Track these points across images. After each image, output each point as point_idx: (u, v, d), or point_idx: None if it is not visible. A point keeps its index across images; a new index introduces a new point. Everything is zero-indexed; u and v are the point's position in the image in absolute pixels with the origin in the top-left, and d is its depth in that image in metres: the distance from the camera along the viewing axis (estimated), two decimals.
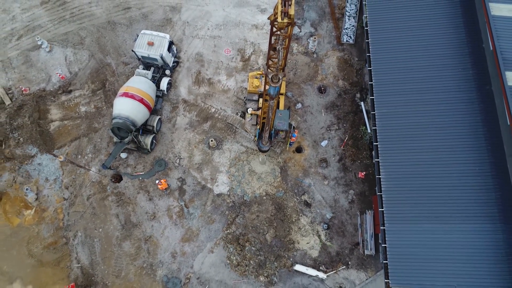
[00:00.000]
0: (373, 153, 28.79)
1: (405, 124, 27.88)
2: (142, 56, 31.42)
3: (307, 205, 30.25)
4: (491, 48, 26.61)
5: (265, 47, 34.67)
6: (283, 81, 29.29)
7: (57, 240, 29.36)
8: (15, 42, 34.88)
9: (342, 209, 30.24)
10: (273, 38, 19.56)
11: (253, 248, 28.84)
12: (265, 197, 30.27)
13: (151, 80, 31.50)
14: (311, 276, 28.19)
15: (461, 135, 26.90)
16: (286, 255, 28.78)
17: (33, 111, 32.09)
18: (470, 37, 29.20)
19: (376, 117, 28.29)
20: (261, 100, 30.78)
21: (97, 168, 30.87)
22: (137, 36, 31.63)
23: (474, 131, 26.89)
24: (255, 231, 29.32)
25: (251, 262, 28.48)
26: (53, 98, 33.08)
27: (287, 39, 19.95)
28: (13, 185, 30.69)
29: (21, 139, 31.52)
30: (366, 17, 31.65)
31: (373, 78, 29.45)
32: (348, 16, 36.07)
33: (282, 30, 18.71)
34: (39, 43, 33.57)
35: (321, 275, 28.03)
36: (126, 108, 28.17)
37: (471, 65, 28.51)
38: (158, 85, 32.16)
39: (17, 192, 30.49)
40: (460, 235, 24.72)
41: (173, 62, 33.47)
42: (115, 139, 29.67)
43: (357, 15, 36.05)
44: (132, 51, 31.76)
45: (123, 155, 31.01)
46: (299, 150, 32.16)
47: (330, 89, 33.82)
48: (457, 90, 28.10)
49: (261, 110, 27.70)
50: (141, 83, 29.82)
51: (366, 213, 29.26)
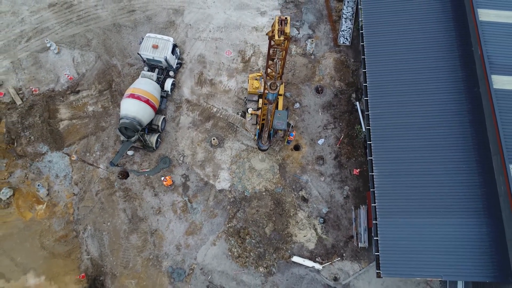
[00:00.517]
0: (367, 151, 30.36)
1: (397, 124, 29.38)
2: (147, 58, 32.89)
3: (304, 200, 31.90)
4: (479, 52, 28.04)
5: (264, 48, 36.11)
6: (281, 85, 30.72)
7: (68, 233, 31.04)
8: (25, 43, 36.28)
9: (337, 204, 31.90)
10: (271, 50, 21.10)
11: (253, 240, 30.53)
12: (264, 193, 31.90)
13: (155, 81, 32.99)
14: (308, 267, 29.93)
15: (450, 134, 28.40)
16: (284, 248, 30.48)
17: (43, 111, 33.63)
18: (460, 40, 30.59)
19: (370, 117, 29.80)
20: (260, 100, 32.29)
21: (105, 165, 32.48)
22: (142, 39, 33.07)
23: (462, 131, 28.40)
24: (255, 224, 30.99)
25: (251, 254, 30.20)
26: (62, 98, 34.59)
27: (284, 51, 21.49)
28: (25, 181, 32.30)
29: (32, 137, 33.07)
30: (361, 20, 33.04)
31: (367, 79, 30.88)
32: (344, 18, 37.42)
33: (278, 45, 20.31)
34: (48, 45, 34.98)
35: (317, 266, 29.77)
36: (132, 108, 29.72)
37: (461, 68, 29.94)
38: (162, 86, 33.66)
39: (29, 187, 32.11)
40: (447, 228, 26.36)
41: (177, 63, 34.94)
42: (122, 138, 31.21)
43: (353, 17, 37.40)
44: (137, 54, 33.19)
45: (130, 153, 32.61)
46: (297, 148, 33.74)
47: (327, 89, 35.30)
48: (447, 91, 29.56)
49: (260, 111, 29.24)
50: (146, 84, 31.33)
51: (360, 208, 30.89)
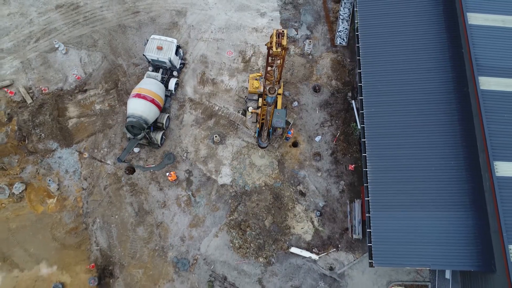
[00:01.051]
0: (362, 148, 31.93)
1: (390, 122, 30.90)
2: (152, 59, 34.38)
3: (302, 194, 33.59)
4: (467, 54, 29.51)
5: (264, 49, 37.52)
6: (281, 85, 32.22)
7: (78, 225, 32.76)
8: (33, 44, 37.73)
9: (333, 198, 33.59)
10: (270, 58, 22.68)
11: (253, 232, 32.28)
12: (264, 187, 33.58)
13: (160, 81, 34.51)
14: (305, 257, 31.72)
15: (439, 132, 29.95)
16: (282, 239, 32.23)
17: (53, 109, 35.19)
18: (451, 42, 32.00)
19: (364, 115, 31.34)
20: (260, 99, 33.84)
21: (112, 161, 34.13)
22: (147, 40, 34.52)
23: (451, 129, 29.94)
24: (255, 217, 32.72)
25: (252, 245, 31.96)
26: (70, 97, 36.13)
27: (281, 59, 23.06)
28: (36, 176, 33.96)
29: (43, 135, 34.67)
30: (357, 22, 34.44)
31: (362, 80, 32.33)
32: (341, 19, 38.78)
33: (276, 56, 21.92)
34: (57, 46, 36.44)
35: (314, 256, 31.54)
36: (139, 108, 31.29)
37: (451, 69, 31.40)
38: (166, 86, 35.21)
39: (40, 182, 33.80)
40: (435, 221, 28.03)
41: (180, 64, 36.44)
42: (129, 135, 32.81)
43: (350, 18, 38.75)
44: (143, 55, 34.65)
45: (136, 150, 34.26)
46: (295, 144, 35.35)
47: (324, 88, 36.82)
48: (438, 91, 31.03)
49: (260, 109, 30.80)
50: (151, 84, 32.87)
51: (355, 202, 32.55)
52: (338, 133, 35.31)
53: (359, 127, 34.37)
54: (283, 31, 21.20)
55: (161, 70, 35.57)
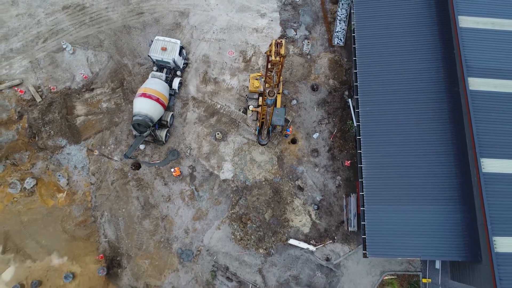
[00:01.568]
0: (357, 145, 33.44)
1: (384, 120, 32.37)
2: (156, 59, 35.80)
3: (300, 189, 35.20)
4: (458, 56, 30.91)
5: (264, 49, 38.94)
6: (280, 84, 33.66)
7: (87, 218, 34.37)
8: (41, 44, 39.08)
9: (330, 192, 35.21)
10: (269, 65, 24.11)
11: (253, 225, 33.95)
12: (264, 182, 35.18)
13: (164, 80, 35.95)
14: (303, 248, 33.40)
15: (431, 130, 31.43)
16: (281, 231, 33.90)
17: (62, 108, 36.67)
18: (443, 44, 33.36)
19: (359, 114, 32.82)
20: (261, 98, 35.31)
21: (119, 157, 35.68)
22: (151, 41, 35.90)
23: (442, 127, 31.44)
24: (255, 211, 34.37)
25: (252, 237, 33.64)
26: (78, 95, 37.58)
27: (280, 66, 24.46)
28: (46, 172, 35.52)
29: (52, 132, 36.18)
30: (354, 24, 35.76)
31: (358, 79, 33.78)
32: (339, 20, 40.09)
33: (275, 64, 23.34)
34: (64, 46, 37.80)
35: (311, 248, 33.22)
36: (144, 107, 32.78)
37: (443, 69, 32.81)
38: (170, 85, 36.66)
39: (50, 177, 35.36)
40: (426, 214, 29.62)
41: (183, 63, 37.85)
42: (135, 133, 34.33)
43: (347, 19, 40.07)
44: (148, 55, 36.05)
45: (142, 146, 35.81)
46: (293, 141, 36.87)
47: (322, 87, 38.27)
48: (430, 91, 32.46)
49: (260, 109, 32.28)
50: (156, 84, 34.33)
51: (350, 196, 34.12)
52: (335, 130, 36.81)
53: (355, 124, 35.85)
54: (281, 41, 22.62)
55: (165, 70, 36.98)
